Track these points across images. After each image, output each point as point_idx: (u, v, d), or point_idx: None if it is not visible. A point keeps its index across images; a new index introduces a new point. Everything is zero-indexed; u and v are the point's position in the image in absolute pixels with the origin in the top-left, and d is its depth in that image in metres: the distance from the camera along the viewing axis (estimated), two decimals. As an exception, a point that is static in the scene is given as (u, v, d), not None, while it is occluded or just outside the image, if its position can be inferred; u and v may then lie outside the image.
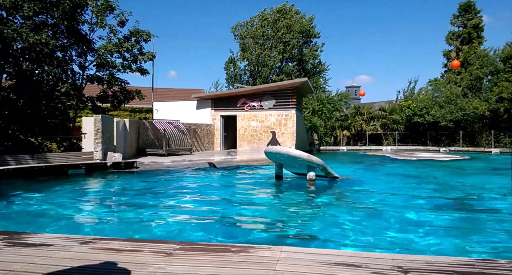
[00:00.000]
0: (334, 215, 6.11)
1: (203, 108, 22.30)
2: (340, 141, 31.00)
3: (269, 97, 21.11)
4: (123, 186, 9.21)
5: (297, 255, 2.96)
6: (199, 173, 11.83)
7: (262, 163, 14.44)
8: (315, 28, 37.91)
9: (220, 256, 2.91)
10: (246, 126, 21.55)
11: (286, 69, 36.84)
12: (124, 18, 15.88)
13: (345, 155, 23.55)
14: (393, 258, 2.90)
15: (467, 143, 27.09)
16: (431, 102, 28.13)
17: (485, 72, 27.71)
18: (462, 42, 32.39)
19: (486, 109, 25.15)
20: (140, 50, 16.56)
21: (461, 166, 15.38)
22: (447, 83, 29.93)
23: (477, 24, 31.65)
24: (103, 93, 16.65)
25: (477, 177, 11.55)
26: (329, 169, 9.91)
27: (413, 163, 16.82)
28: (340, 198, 7.84)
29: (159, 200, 7.32)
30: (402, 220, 5.70)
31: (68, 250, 3.07)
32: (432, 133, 28.84)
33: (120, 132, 13.87)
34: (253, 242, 4.47)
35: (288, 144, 20.10)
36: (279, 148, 9.88)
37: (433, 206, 6.85)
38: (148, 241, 3.43)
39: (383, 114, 31.10)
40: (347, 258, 2.90)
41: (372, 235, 4.86)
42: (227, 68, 39.38)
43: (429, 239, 4.69)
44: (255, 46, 36.52)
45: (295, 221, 5.73)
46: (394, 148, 28.51)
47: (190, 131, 18.44)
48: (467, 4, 31.78)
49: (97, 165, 11.70)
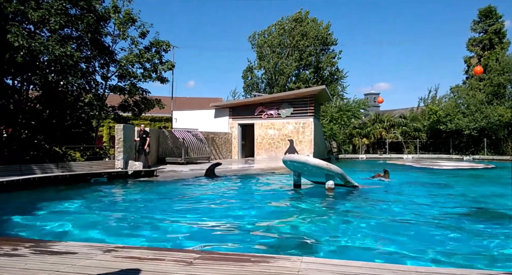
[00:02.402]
0: (354, 225, 6.00)
1: (221, 116, 22.51)
2: (359, 149, 30.57)
3: (287, 105, 21.12)
4: (143, 195, 9.36)
5: (318, 266, 2.93)
6: (217, 182, 11.88)
7: (280, 172, 14.40)
8: (332, 35, 37.87)
9: (239, 266, 2.91)
10: (263, 135, 21.58)
11: (303, 76, 36.86)
12: (145, 29, 16.33)
13: (364, 164, 23.18)
14: (417, 270, 2.83)
15: (492, 151, 26.21)
16: (455, 110, 27.40)
17: (507, 78, 26.89)
18: (483, 48, 31.65)
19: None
20: (160, 60, 16.93)
21: (490, 176, 14.88)
22: (470, 89, 29.18)
23: (499, 29, 30.88)
24: (125, 102, 17.07)
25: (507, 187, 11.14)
26: (348, 178, 9.78)
27: (436, 172, 16.39)
28: (360, 207, 7.70)
29: (178, 208, 7.38)
30: (425, 232, 5.55)
31: (92, 258, 3.14)
32: (455, 141, 28.05)
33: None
34: (273, 252, 4.45)
35: (306, 152, 19.97)
36: (297, 157, 9.84)
37: (456, 218, 6.65)
38: (169, 250, 3.48)
39: (404, 122, 30.55)
40: (369, 269, 2.85)
41: (395, 247, 4.75)
42: (245, 77, 39.74)
43: (453, 250, 4.55)
44: (272, 54, 36.75)
45: (314, 231, 5.67)
46: (416, 156, 27.88)
47: (208, 139, 18.61)
48: (488, 9, 31.09)
49: (119, 173, 11.93)
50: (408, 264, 3.77)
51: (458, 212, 7.14)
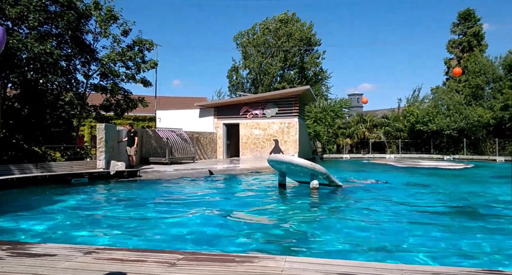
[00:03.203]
0: (338, 224, 6.07)
1: (206, 116, 22.38)
2: (343, 149, 30.94)
3: (272, 105, 21.17)
4: (125, 195, 9.21)
5: (302, 265, 2.94)
6: (201, 182, 11.81)
7: (265, 172, 14.42)
8: (316, 35, 38.16)
9: (224, 266, 2.90)
10: (248, 134, 21.57)
11: (287, 76, 37.03)
12: (128, 27, 16.07)
13: (348, 163, 23.47)
14: (399, 268, 2.88)
15: (471, 151, 26.95)
16: (435, 110, 28.08)
17: (485, 79, 27.72)
18: (462, 50, 32.51)
19: (491, 117, 25.08)
20: (142, 59, 16.71)
21: (468, 175, 15.29)
22: (449, 91, 29.94)
23: (477, 32, 31.79)
24: (107, 101, 16.76)
25: (485, 185, 11.47)
26: (332, 178, 9.88)
27: (417, 171, 16.73)
28: (344, 207, 7.79)
29: (161, 208, 7.30)
30: (406, 230, 5.65)
31: (72, 260, 3.07)
32: (435, 141, 28.72)
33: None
34: (257, 252, 4.45)
35: (291, 152, 20.06)
36: (282, 156, 9.87)
37: (438, 216, 6.80)
38: (152, 251, 3.43)
39: (386, 122, 31.07)
40: (352, 268, 2.88)
41: (378, 245, 4.82)
42: (230, 77, 39.63)
43: (435, 248, 4.65)
44: (256, 54, 36.78)
45: (298, 230, 5.70)
46: (398, 156, 28.40)
47: (193, 139, 18.47)
48: (467, 12, 31.96)
49: (100, 174, 11.71)
50: (390, 262, 3.82)
51: (439, 210, 7.30)
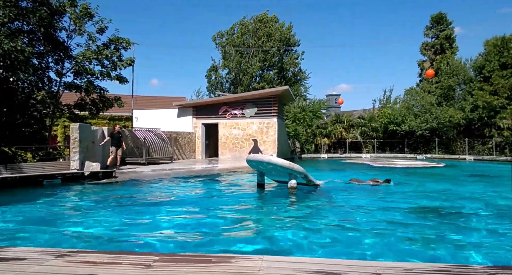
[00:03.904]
0: (315, 223, 6.15)
1: (185, 116, 22.17)
2: (321, 148, 31.35)
3: (251, 105, 21.20)
4: (100, 196, 8.99)
5: (278, 264, 2.97)
6: (179, 182, 11.69)
7: (244, 171, 14.42)
8: (295, 36, 38.51)
9: (200, 267, 2.88)
10: (228, 134, 21.52)
11: (267, 77, 37.18)
12: (104, 25, 15.71)
13: (326, 163, 23.81)
14: (372, 265, 2.95)
15: (443, 150, 27.90)
16: (407, 111, 28.95)
17: (456, 81, 28.79)
18: (435, 53, 33.64)
19: (461, 117, 26.04)
20: (119, 58, 16.38)
21: (438, 173, 15.82)
22: (422, 92, 30.91)
23: (449, 35, 32.99)
24: (81, 100, 16.32)
25: (454, 184, 11.90)
26: (310, 177, 9.99)
27: (392, 170, 17.17)
28: (321, 205, 7.90)
29: (137, 210, 7.17)
30: (380, 227, 5.79)
31: (43, 264, 2.97)
32: (409, 140, 29.58)
33: (99, 140, 13.57)
34: (235, 252, 4.45)
35: (270, 152, 20.16)
36: (261, 156, 9.90)
37: (411, 214, 7.01)
38: (127, 253, 3.37)
39: (363, 122, 31.71)
40: (328, 266, 2.93)
41: (352, 242, 4.92)
42: (209, 76, 39.41)
43: (407, 245, 4.78)
44: (235, 54, 36.75)
45: (276, 230, 5.73)
46: (373, 155, 29.04)
47: (171, 139, 18.25)
48: (439, 16, 33.10)
49: (74, 175, 11.38)
50: (364, 259, 3.91)
51: (413, 208, 7.51)
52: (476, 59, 28.77)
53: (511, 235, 5.36)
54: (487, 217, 6.60)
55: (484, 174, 15.43)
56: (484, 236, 5.29)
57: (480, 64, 26.61)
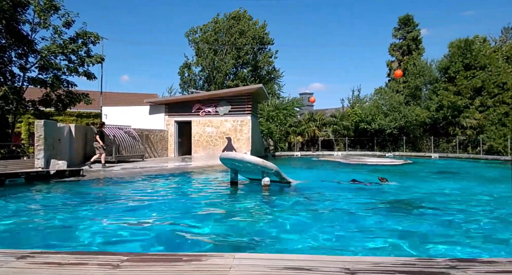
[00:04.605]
0: (287, 220, 6.21)
1: (156, 113, 21.75)
2: (295, 146, 31.71)
3: (225, 103, 21.10)
4: (65, 196, 8.66)
5: (250, 261, 2.96)
6: (150, 181, 11.47)
7: (217, 169, 14.35)
8: (269, 34, 38.64)
9: (171, 266, 2.83)
10: (201, 132, 21.32)
11: (241, 74, 37.12)
12: (70, 19, 15.12)
13: (299, 160, 24.10)
14: (342, 260, 3.01)
15: (410, 148, 28.95)
16: (377, 110, 29.83)
17: (422, 81, 29.95)
18: (403, 53, 34.80)
19: (427, 116, 27.10)
20: (87, 53, 15.81)
21: (407, 170, 16.40)
22: (391, 91, 31.93)
23: (416, 37, 34.22)
24: (46, 96, 15.64)
25: (421, 180, 12.36)
26: (283, 175, 10.08)
27: (363, 167, 17.63)
28: (293, 203, 7.98)
29: (104, 209, 6.97)
30: (351, 223, 5.93)
31: (4, 266, 2.82)
32: (378, 139, 30.50)
33: (65, 138, 13.09)
34: (207, 250, 4.42)
35: (244, 150, 20.16)
36: (234, 154, 9.89)
37: (380, 209, 7.22)
38: (93, 253, 3.26)
39: (334, 121, 32.34)
40: (299, 262, 2.96)
41: (324, 239, 5.01)
42: (182, 73, 38.85)
43: (377, 240, 4.93)
44: (208, 51, 36.41)
45: (249, 227, 5.74)
46: (345, 153, 29.70)
47: (142, 137, 17.86)
48: (406, 17, 34.26)
49: (39, 173, 10.90)
50: (336, 254, 3.99)
51: (381, 204, 7.74)
52: (441, 60, 30.02)
53: (473, 229, 5.63)
54: (452, 212, 6.90)
55: (449, 171, 16.15)
56: (448, 230, 5.53)
57: (445, 65, 27.77)
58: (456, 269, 2.76)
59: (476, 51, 25.84)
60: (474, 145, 25.24)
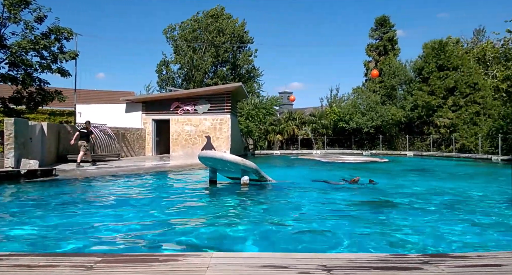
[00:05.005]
0: (266, 218, 6.23)
1: (133, 111, 21.33)
2: (274, 145, 31.85)
3: (204, 101, 20.93)
4: (36, 196, 8.36)
5: (227, 260, 2.95)
6: (127, 180, 11.24)
7: (196, 168, 14.23)
8: (248, 33, 38.58)
9: (146, 267, 2.78)
10: (180, 131, 21.08)
11: (220, 73, 36.91)
12: (42, 14, 14.60)
13: (278, 159, 24.23)
14: (318, 257, 3.04)
15: (386, 146, 29.65)
16: (354, 110, 30.39)
17: (398, 81, 30.72)
18: (379, 54, 35.54)
19: (402, 116, 27.82)
20: (60, 49, 15.32)
21: (384, 168, 16.78)
22: (368, 91, 32.59)
23: (392, 37, 35.02)
24: (17, 94, 15.05)
25: (400, 178, 12.68)
26: (262, 173, 10.10)
27: (341, 165, 17.92)
28: (272, 201, 8.02)
29: (78, 210, 6.76)
30: (331, 221, 6.01)
31: (-33, 272, 2.69)
32: (356, 137, 31.08)
33: (37, 137, 12.63)
34: (184, 250, 4.37)
35: (223, 148, 20.08)
36: (213, 153, 9.82)
37: (359, 207, 7.35)
38: (65, 255, 3.16)
39: (313, 119, 32.70)
40: (276, 260, 2.97)
41: (301, 236, 5.05)
42: (159, 71, 38.25)
43: (354, 237, 5.01)
44: (186, 49, 36.00)
45: (228, 226, 5.72)
46: (323, 151, 30.09)
47: (118, 135, 17.47)
48: (383, 18, 35.01)
49: (9, 173, 10.47)
50: (311, 252, 4.02)
51: (358, 202, 7.88)
52: (415, 61, 30.85)
53: (444, 225, 5.82)
54: (427, 209, 7.11)
55: (423, 169, 16.64)
56: (422, 226, 5.69)
57: (419, 65, 28.55)
58: (429, 264, 2.84)
59: (449, 52, 26.69)
60: (447, 143, 26.08)
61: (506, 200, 7.98)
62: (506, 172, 14.34)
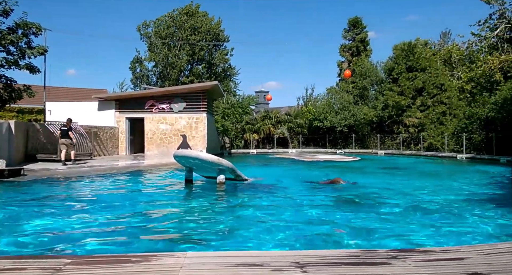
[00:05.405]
0: (241, 217, 6.26)
1: (106, 109, 20.79)
2: (250, 144, 31.92)
3: (179, 99, 20.68)
4: (4, 197, 8.02)
5: (201, 260, 2.96)
6: (99, 180, 10.96)
7: (172, 168, 14.06)
8: (224, 32, 38.41)
9: (118, 268, 2.74)
10: (155, 129, 20.74)
11: (196, 71, 36.57)
12: (8, 7, 13.98)
13: (255, 158, 24.31)
14: (292, 254, 3.10)
15: (359, 145, 30.36)
16: (329, 109, 30.95)
17: (369, 82, 31.50)
18: (352, 54, 36.28)
19: (374, 115, 28.56)
20: (28, 44, 14.71)
21: (356, 166, 17.19)
22: (341, 91, 33.25)
23: (364, 38, 35.83)
24: (-19, 90, 14.35)
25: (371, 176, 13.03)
26: (238, 172, 10.11)
27: (316, 164, 18.21)
28: (248, 200, 8.05)
29: (49, 210, 6.55)
30: (304, 218, 6.11)
31: None
32: (330, 136, 31.67)
33: (4, 135, 12.09)
34: (158, 250, 4.32)
35: (199, 147, 19.92)
36: (189, 152, 9.75)
37: (332, 204, 7.52)
38: (33, 257, 3.07)
39: (289, 119, 33.00)
40: (250, 258, 3.00)
41: (277, 234, 5.11)
42: (133, 69, 37.45)
43: (328, 234, 5.12)
44: (161, 46, 35.42)
45: (203, 225, 5.71)
46: (299, 150, 30.44)
47: (90, 134, 16.99)
48: (355, 20, 35.77)
49: (-28, 174, 9.97)
50: (285, 249, 4.09)
51: (331, 199, 8.05)
52: (386, 62, 31.72)
53: (413, 221, 6.05)
54: (397, 206, 7.35)
55: (394, 167, 17.17)
56: (391, 222, 5.89)
57: (389, 66, 29.38)
58: (397, 259, 2.96)
59: (417, 54, 27.62)
60: (416, 142, 26.99)
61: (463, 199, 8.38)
62: (469, 169, 15.06)
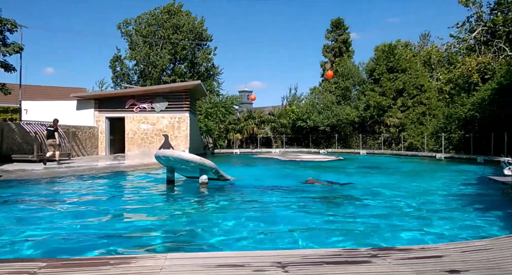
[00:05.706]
0: (224, 217, 6.21)
1: (85, 109, 20.31)
2: (234, 144, 31.84)
3: (161, 99, 20.42)
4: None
5: (182, 261, 2.91)
6: (77, 181, 10.69)
7: (153, 168, 13.86)
8: (207, 31, 38.13)
9: (96, 271, 2.67)
10: (135, 129, 20.40)
11: (178, 70, 36.18)
12: (-19, 1, 13.44)
13: (238, 158, 24.25)
14: (274, 254, 3.09)
15: (341, 145, 30.74)
16: (312, 108, 31.20)
17: (352, 82, 31.95)
18: (334, 55, 36.69)
19: (356, 115, 28.97)
20: (3, 41, 14.22)
21: (339, 166, 17.38)
22: (324, 91, 33.58)
23: (346, 40, 36.30)
24: (-47, 88, 13.78)
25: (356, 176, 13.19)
26: (221, 172, 10.05)
27: (298, 163, 18.30)
28: (230, 200, 8.01)
29: (22, 213, 6.33)
30: (287, 218, 6.12)
31: None
32: (313, 136, 31.92)
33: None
34: (138, 253, 4.24)
35: (182, 147, 19.72)
36: (170, 152, 9.61)
37: (316, 203, 7.56)
38: (7, 261, 2.95)
39: (273, 118, 33.10)
40: (231, 259, 2.97)
41: (259, 234, 5.09)
42: (113, 67, 36.73)
43: (310, 234, 5.14)
44: (142, 45, 34.88)
45: (185, 226, 5.64)
46: (282, 150, 30.56)
47: (68, 134, 16.56)
48: (338, 21, 36.21)
49: None
50: (267, 249, 4.08)
51: (313, 199, 8.10)
52: (368, 63, 32.23)
53: (391, 219, 6.15)
54: (378, 205, 7.47)
55: (375, 166, 17.46)
56: (373, 222, 5.97)
57: (371, 67, 29.87)
58: (377, 258, 3.00)
59: (398, 55, 28.19)
60: (396, 142, 27.55)
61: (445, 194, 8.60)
62: (448, 168, 15.46)
